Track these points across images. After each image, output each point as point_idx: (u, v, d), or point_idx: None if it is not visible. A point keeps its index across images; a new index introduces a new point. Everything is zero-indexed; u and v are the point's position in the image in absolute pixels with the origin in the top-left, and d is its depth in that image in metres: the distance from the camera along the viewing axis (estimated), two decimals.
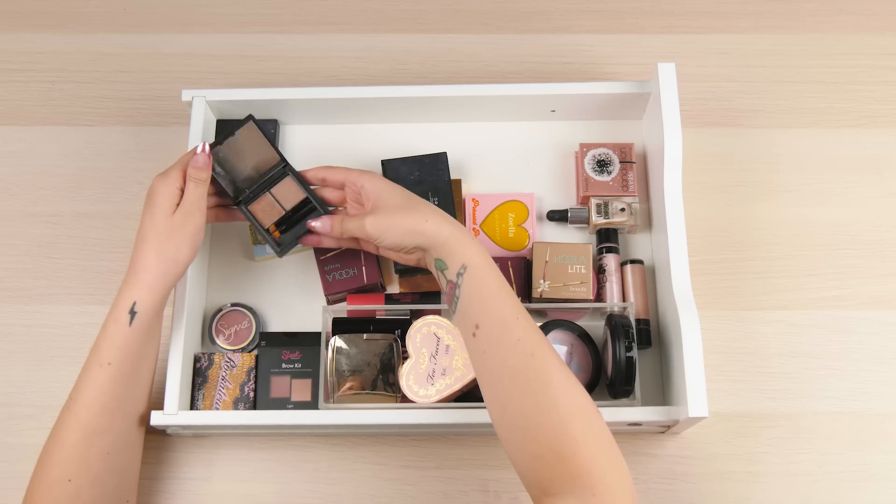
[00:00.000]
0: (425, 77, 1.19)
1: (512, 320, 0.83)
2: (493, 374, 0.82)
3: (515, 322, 0.82)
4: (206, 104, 1.07)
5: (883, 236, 1.09)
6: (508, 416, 0.80)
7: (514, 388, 0.80)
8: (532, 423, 0.78)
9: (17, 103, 1.18)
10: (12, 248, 1.11)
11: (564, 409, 0.78)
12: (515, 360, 0.81)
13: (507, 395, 0.80)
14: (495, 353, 0.82)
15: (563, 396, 0.78)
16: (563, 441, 0.76)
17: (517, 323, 0.82)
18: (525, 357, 0.80)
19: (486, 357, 0.83)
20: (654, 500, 0.99)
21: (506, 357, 0.81)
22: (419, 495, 1.00)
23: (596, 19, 1.22)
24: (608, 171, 1.08)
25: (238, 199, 0.99)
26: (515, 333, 0.82)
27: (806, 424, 1.01)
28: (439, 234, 0.88)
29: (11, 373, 1.05)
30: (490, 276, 0.85)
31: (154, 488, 1.00)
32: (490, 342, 0.83)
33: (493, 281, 0.85)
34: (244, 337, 1.04)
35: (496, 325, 0.83)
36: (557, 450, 0.76)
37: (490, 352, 0.83)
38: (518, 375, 0.80)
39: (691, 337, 0.92)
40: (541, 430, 0.78)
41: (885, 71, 1.18)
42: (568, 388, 0.79)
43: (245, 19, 1.23)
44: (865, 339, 1.05)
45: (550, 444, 0.77)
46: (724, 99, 1.16)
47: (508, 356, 0.81)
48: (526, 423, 0.79)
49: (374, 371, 0.99)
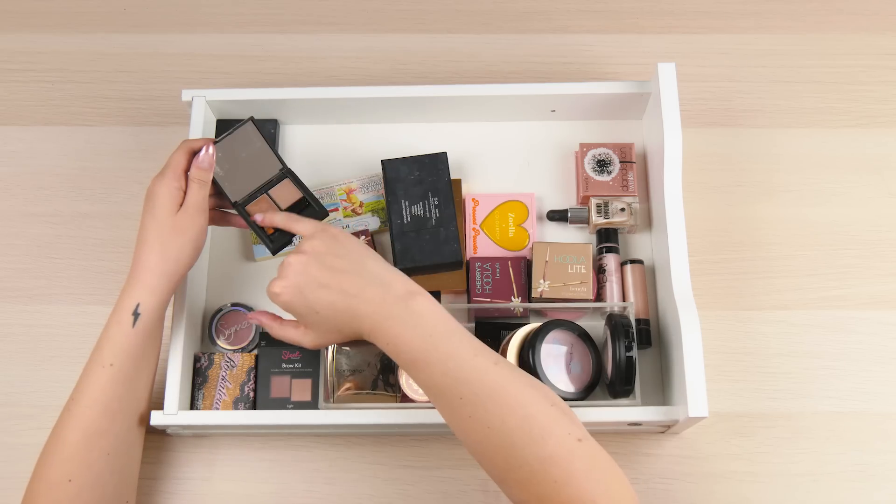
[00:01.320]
0: (425, 77, 1.19)
1: (457, 402, 0.79)
2: (459, 436, 0.81)
3: (461, 403, 0.78)
4: (206, 104, 1.07)
5: (883, 236, 1.09)
6: (487, 470, 0.80)
7: (483, 455, 0.79)
8: (512, 477, 0.77)
9: (17, 103, 1.18)
10: (12, 248, 1.11)
11: (536, 460, 0.75)
12: (474, 435, 0.78)
13: (479, 456, 0.80)
14: (456, 428, 0.80)
15: (532, 449, 0.76)
16: (544, 487, 0.75)
17: (462, 404, 0.78)
18: (482, 431, 0.78)
19: (449, 424, 0.81)
20: (654, 500, 0.99)
21: (465, 432, 0.79)
22: (419, 495, 1.00)
23: (596, 19, 1.22)
24: (608, 171, 1.08)
25: (236, 201, 0.98)
26: (465, 413, 0.78)
27: (806, 424, 1.01)
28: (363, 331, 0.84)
29: (11, 373, 1.05)
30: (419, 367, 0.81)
31: (154, 488, 1.00)
32: (446, 417, 0.81)
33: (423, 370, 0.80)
34: (244, 337, 1.04)
35: (445, 408, 0.80)
36: (539, 494, 0.75)
37: (451, 425, 0.81)
38: (481, 446, 0.78)
39: (691, 337, 0.92)
40: (520, 482, 0.77)
41: (885, 71, 1.18)
42: (534, 439, 0.76)
43: (245, 19, 1.23)
44: (865, 339, 1.05)
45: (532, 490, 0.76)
46: (724, 99, 1.16)
47: (467, 431, 0.79)
48: (504, 477, 0.78)
49: (374, 371, 0.99)
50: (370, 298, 0.83)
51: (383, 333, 0.82)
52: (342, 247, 0.86)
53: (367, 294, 0.83)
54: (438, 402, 0.81)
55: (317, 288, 0.84)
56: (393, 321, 0.82)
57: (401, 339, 0.81)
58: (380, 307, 0.83)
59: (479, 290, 1.03)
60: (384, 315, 0.82)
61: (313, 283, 0.84)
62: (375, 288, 0.83)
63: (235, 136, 0.99)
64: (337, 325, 0.85)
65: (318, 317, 0.85)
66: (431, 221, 1.02)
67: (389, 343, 0.82)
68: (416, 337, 0.81)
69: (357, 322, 0.84)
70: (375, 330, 0.83)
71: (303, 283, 0.84)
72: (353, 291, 0.83)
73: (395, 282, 0.84)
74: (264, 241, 0.98)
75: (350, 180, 1.10)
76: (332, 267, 0.85)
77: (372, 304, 0.83)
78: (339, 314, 0.84)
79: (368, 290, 0.83)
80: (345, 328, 0.85)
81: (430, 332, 0.81)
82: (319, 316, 0.85)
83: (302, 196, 1.00)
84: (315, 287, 0.84)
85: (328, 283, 0.84)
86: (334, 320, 0.85)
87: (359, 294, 0.83)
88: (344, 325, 0.85)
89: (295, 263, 0.85)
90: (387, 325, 0.82)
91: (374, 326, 0.83)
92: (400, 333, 0.81)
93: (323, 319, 0.85)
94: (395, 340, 0.82)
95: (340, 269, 0.84)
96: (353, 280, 0.84)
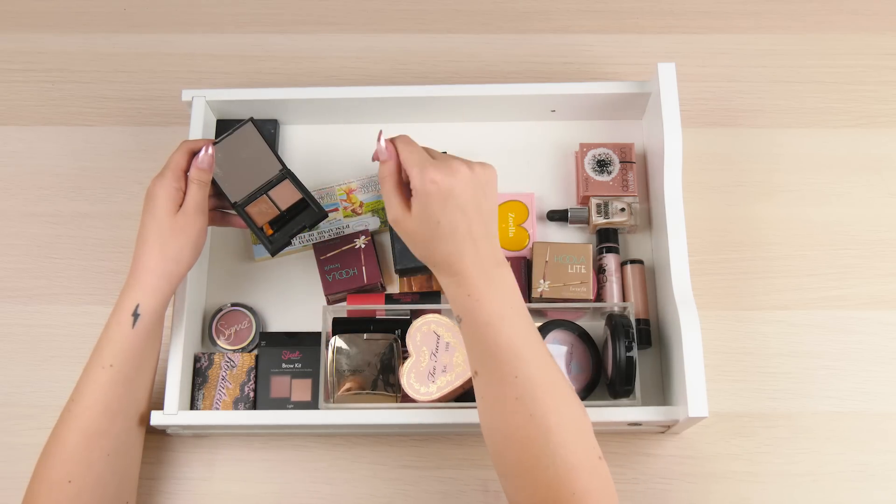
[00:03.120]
0: (425, 77, 1.19)
1: (511, 380, 0.79)
2: (490, 421, 0.81)
3: (514, 381, 0.78)
4: (206, 104, 1.07)
5: (883, 236, 1.09)
6: (505, 463, 0.79)
7: (512, 442, 0.79)
8: (529, 475, 0.77)
9: (17, 103, 1.18)
10: (12, 248, 1.11)
11: (563, 466, 0.76)
12: (514, 418, 0.78)
13: (504, 444, 0.79)
14: (492, 407, 0.80)
15: (562, 453, 0.77)
16: (560, 496, 0.75)
17: (516, 382, 0.78)
18: (523, 416, 0.78)
19: (484, 403, 0.81)
20: (654, 500, 0.99)
21: (503, 413, 0.79)
22: (419, 495, 1.00)
23: (596, 19, 1.22)
24: (608, 171, 1.08)
25: (235, 202, 0.98)
26: (514, 392, 0.79)
27: (806, 424, 1.01)
28: (443, 279, 0.84)
29: (11, 373, 1.05)
30: (489, 332, 0.80)
31: (154, 488, 1.00)
32: (487, 393, 0.81)
33: (494, 336, 0.80)
34: (244, 337, 1.04)
35: (494, 381, 0.80)
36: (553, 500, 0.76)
37: (488, 402, 0.81)
38: (516, 430, 0.78)
39: (691, 337, 0.92)
40: (538, 483, 0.77)
41: (885, 71, 1.18)
42: (568, 443, 0.77)
43: (245, 19, 1.23)
44: (865, 339, 1.05)
45: (548, 496, 0.76)
46: (724, 99, 1.16)
47: (506, 412, 0.79)
48: (523, 474, 0.78)
49: (375, 371, 0.99)
50: (481, 249, 0.83)
51: (471, 285, 0.82)
52: (494, 196, 0.86)
53: (482, 244, 0.83)
54: (491, 373, 0.80)
55: (457, 207, 0.82)
56: (486, 280, 0.82)
57: (485, 297, 0.81)
58: (483, 261, 0.82)
59: None
60: (482, 270, 0.82)
61: (460, 199, 0.82)
62: (489, 243, 0.83)
63: (235, 136, 0.99)
64: (439, 244, 0.83)
65: (434, 224, 0.83)
66: None
67: (471, 295, 0.81)
68: (497, 300, 0.81)
69: (455, 259, 0.82)
70: (466, 278, 0.82)
71: (456, 191, 0.82)
72: (476, 235, 0.83)
73: (499, 249, 0.85)
74: (263, 242, 0.98)
75: (350, 180, 1.10)
76: (479, 203, 0.83)
77: (479, 255, 0.82)
78: (450, 241, 0.83)
79: (484, 242, 0.83)
80: (439, 253, 0.83)
81: (511, 304, 0.82)
82: (437, 225, 0.83)
83: (301, 197, 1.00)
84: (457, 204, 0.82)
85: (468, 211, 0.82)
86: (441, 239, 0.83)
87: (477, 241, 0.83)
88: (441, 251, 0.83)
89: (463, 174, 0.83)
90: (479, 280, 0.82)
91: (466, 273, 0.82)
92: (486, 293, 0.81)
93: (433, 228, 0.83)
94: (478, 296, 0.81)
95: (482, 210, 0.84)
96: (482, 226, 0.83)
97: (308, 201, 0.99)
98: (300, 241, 1.07)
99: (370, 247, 1.05)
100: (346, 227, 1.07)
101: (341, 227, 1.07)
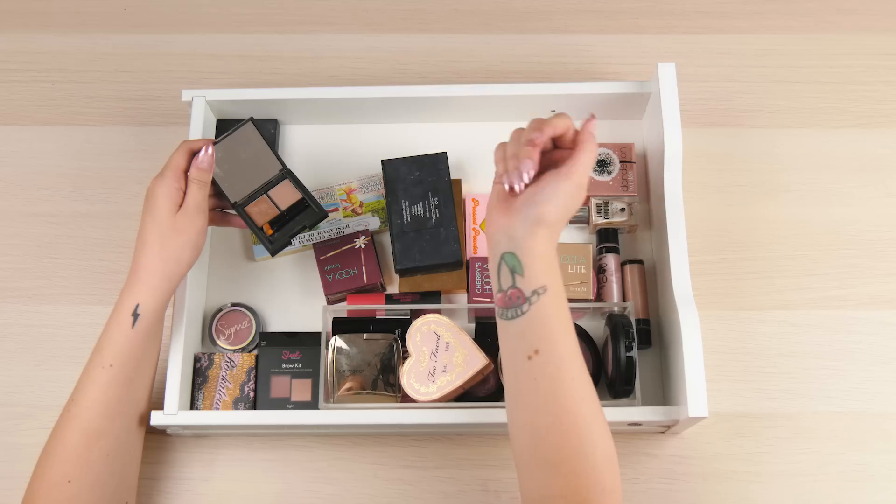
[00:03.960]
0: (425, 77, 1.19)
1: (571, 358, 0.79)
2: (536, 404, 0.79)
3: (572, 361, 0.78)
4: (206, 104, 1.07)
5: (883, 236, 1.09)
6: (541, 449, 0.78)
7: (558, 426, 0.78)
8: (568, 463, 0.77)
9: (17, 103, 1.18)
10: (12, 248, 1.11)
11: (601, 457, 0.77)
12: (566, 400, 0.78)
13: (547, 429, 0.78)
14: (547, 386, 0.79)
15: (602, 444, 0.77)
16: (592, 488, 0.75)
17: (573, 363, 0.78)
18: (577, 400, 0.78)
19: (537, 385, 0.79)
20: (654, 500, 0.99)
21: (556, 393, 0.78)
22: (419, 495, 1.00)
23: (596, 19, 1.22)
24: (608, 171, 1.08)
25: (235, 202, 0.98)
26: (571, 372, 0.78)
27: (806, 424, 1.01)
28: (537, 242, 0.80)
29: (11, 373, 1.05)
30: (563, 308, 0.80)
31: (154, 488, 1.00)
32: (545, 373, 0.79)
33: (564, 312, 0.80)
34: (244, 337, 1.04)
35: (555, 360, 0.79)
36: (585, 496, 0.75)
37: (542, 382, 0.79)
38: (565, 414, 0.78)
39: (691, 337, 0.92)
40: (575, 473, 0.76)
41: (885, 71, 1.18)
42: (606, 436, 0.78)
43: (245, 19, 1.23)
44: (865, 339, 1.05)
45: (579, 487, 0.75)
46: (724, 99, 1.16)
47: (560, 393, 0.78)
48: (559, 462, 0.77)
49: (375, 371, 0.99)
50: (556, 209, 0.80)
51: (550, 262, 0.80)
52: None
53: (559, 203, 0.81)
54: (558, 349, 0.79)
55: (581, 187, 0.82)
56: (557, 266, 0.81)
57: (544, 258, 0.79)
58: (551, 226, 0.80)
59: (479, 290, 1.03)
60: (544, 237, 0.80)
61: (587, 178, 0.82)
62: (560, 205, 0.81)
63: (235, 136, 0.99)
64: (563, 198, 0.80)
65: (572, 183, 0.80)
66: (431, 221, 1.02)
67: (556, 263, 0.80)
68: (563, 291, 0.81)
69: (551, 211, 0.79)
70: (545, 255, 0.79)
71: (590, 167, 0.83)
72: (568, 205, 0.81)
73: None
74: (263, 242, 0.98)
75: (350, 180, 1.10)
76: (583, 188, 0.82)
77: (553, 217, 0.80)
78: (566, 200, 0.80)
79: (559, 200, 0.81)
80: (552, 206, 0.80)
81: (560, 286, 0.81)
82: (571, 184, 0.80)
83: (301, 197, 1.00)
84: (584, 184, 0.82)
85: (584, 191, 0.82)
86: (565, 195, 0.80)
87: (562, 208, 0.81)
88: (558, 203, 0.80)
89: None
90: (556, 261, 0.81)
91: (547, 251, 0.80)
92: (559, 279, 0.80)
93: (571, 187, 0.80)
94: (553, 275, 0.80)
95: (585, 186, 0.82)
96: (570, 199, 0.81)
97: (308, 201, 0.99)
98: (300, 241, 1.07)
99: (370, 247, 1.05)
100: (346, 227, 1.07)
101: (341, 227, 1.07)
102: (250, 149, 0.99)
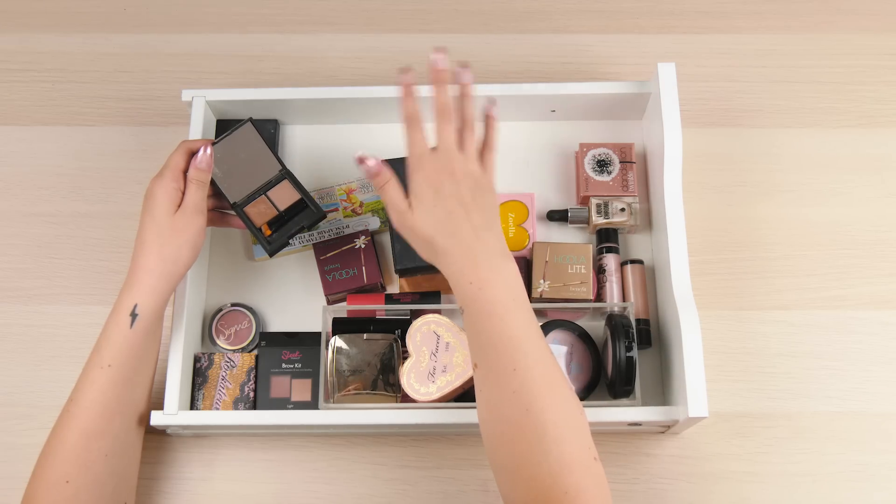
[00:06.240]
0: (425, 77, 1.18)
1: (509, 372, 0.78)
2: (487, 413, 0.81)
3: (513, 374, 0.78)
4: (206, 104, 1.07)
5: (883, 236, 1.09)
6: (500, 457, 0.79)
7: (507, 435, 0.78)
8: (523, 470, 0.77)
9: (17, 103, 1.18)
10: (12, 248, 1.11)
11: (557, 463, 0.75)
12: (510, 411, 0.78)
13: (500, 438, 0.79)
14: (490, 397, 0.80)
15: (557, 450, 0.76)
16: (553, 493, 0.75)
17: (514, 375, 0.78)
18: (520, 410, 0.77)
19: (482, 395, 0.81)
20: (654, 500, 0.99)
21: (500, 405, 0.79)
22: (419, 495, 1.00)
23: (596, 19, 1.22)
24: (608, 171, 1.08)
25: (234, 202, 0.98)
26: (512, 385, 0.78)
27: (806, 424, 1.01)
28: (447, 269, 0.83)
29: (11, 373, 1.05)
30: (490, 322, 0.80)
31: (154, 488, 1.00)
32: (486, 385, 0.80)
33: (494, 327, 0.80)
34: (244, 337, 1.04)
35: (493, 373, 0.80)
36: (545, 501, 0.75)
37: (485, 393, 0.80)
38: (512, 425, 0.78)
39: (691, 337, 0.92)
40: (532, 479, 0.76)
41: (885, 71, 1.18)
42: (563, 441, 0.76)
43: (245, 19, 1.23)
44: (865, 339, 1.05)
45: (539, 492, 0.75)
46: (724, 99, 1.16)
47: (503, 406, 0.79)
48: (516, 468, 0.77)
49: (375, 371, 0.99)
50: (483, 238, 0.82)
51: (473, 272, 0.81)
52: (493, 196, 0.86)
53: (484, 234, 0.83)
54: (490, 364, 0.80)
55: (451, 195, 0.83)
56: (488, 269, 0.81)
57: (488, 285, 0.80)
58: (487, 250, 0.82)
59: None
60: (483, 259, 0.81)
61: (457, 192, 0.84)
62: (492, 234, 0.83)
63: (234, 136, 0.99)
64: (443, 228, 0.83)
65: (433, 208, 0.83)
66: None
67: (473, 283, 0.81)
68: (499, 290, 0.81)
69: (453, 244, 0.82)
70: (466, 265, 0.81)
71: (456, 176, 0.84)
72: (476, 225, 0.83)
73: (502, 242, 0.84)
74: (261, 243, 0.98)
75: (350, 180, 1.10)
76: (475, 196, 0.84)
77: (482, 245, 0.82)
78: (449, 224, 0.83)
79: (486, 232, 0.83)
80: (439, 240, 0.83)
81: (513, 296, 0.81)
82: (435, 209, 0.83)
83: (300, 197, 1.00)
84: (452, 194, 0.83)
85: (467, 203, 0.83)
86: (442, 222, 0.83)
87: (478, 230, 0.83)
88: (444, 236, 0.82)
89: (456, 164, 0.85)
90: (482, 267, 0.81)
91: (468, 261, 0.81)
92: (490, 280, 0.81)
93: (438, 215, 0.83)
94: (480, 284, 0.81)
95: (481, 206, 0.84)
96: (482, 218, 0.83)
97: (307, 202, 0.99)
98: (300, 241, 1.07)
99: (370, 247, 1.05)
100: (346, 227, 1.07)
101: (341, 227, 1.07)
102: (249, 149, 0.99)
